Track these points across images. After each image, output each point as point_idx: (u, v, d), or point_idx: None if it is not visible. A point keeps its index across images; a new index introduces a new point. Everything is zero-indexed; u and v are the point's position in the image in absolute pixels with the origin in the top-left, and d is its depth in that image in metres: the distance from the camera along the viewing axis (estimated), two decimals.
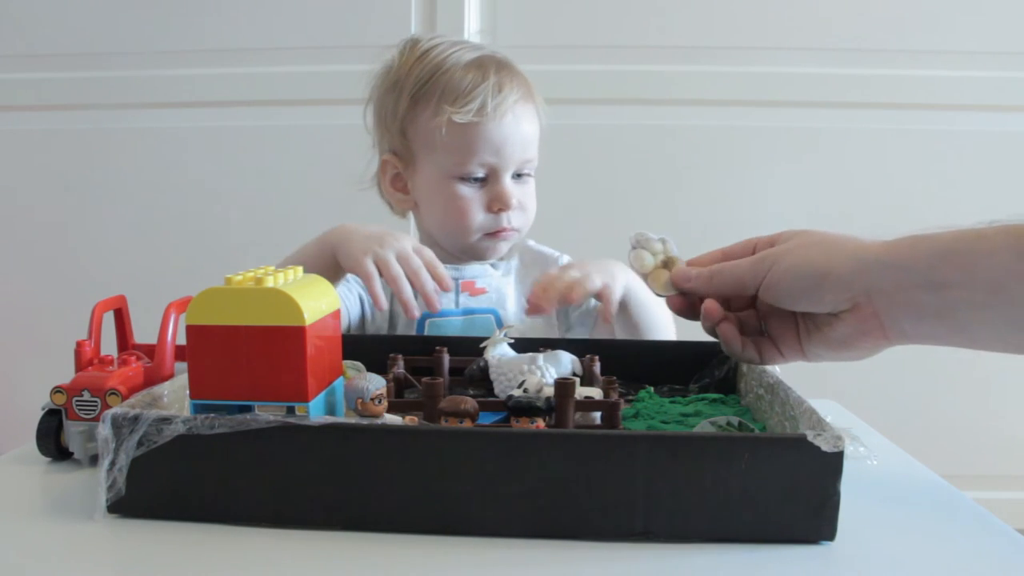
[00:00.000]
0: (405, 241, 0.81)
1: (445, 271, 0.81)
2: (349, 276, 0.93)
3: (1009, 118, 1.60)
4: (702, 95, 1.62)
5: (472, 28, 1.61)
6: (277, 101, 1.66)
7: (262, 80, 1.65)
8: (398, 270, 0.78)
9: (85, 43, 1.67)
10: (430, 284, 0.79)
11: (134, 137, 1.69)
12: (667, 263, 0.65)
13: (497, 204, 0.92)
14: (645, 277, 0.65)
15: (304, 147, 1.67)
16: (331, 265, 0.82)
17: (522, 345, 0.75)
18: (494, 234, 0.94)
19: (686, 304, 0.65)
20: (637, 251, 0.65)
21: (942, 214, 1.70)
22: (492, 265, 0.97)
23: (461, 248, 0.95)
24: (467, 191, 0.92)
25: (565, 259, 1.00)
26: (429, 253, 0.81)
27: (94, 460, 0.61)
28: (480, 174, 0.92)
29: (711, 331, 0.64)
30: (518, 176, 0.94)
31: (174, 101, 1.67)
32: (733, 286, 0.61)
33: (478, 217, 0.92)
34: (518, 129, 0.92)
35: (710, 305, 0.63)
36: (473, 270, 0.94)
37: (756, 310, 0.65)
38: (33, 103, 1.70)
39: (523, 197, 0.94)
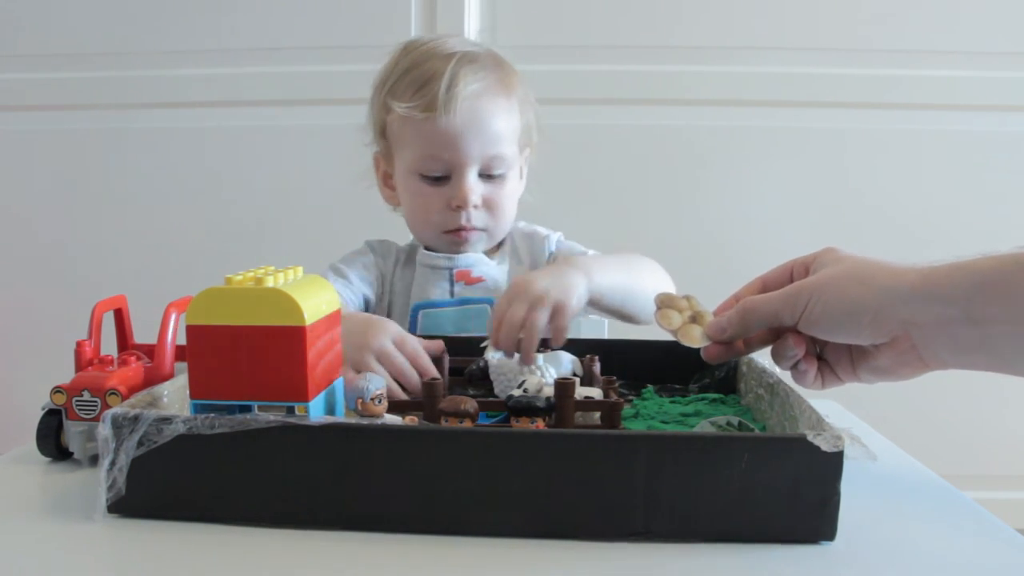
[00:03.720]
0: (385, 337, 0.69)
1: (429, 362, 0.69)
2: (351, 276, 0.92)
3: (1009, 118, 1.60)
4: (703, 95, 1.62)
5: (472, 28, 1.61)
6: (277, 101, 1.66)
7: (262, 80, 1.65)
8: (382, 373, 0.68)
9: (85, 43, 1.67)
10: (415, 381, 0.68)
11: (134, 137, 1.69)
12: (695, 318, 0.66)
13: (455, 201, 0.90)
14: (675, 333, 0.65)
15: (304, 147, 1.66)
16: None
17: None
18: (455, 232, 0.92)
19: (723, 350, 0.64)
20: (663, 311, 0.66)
21: (942, 214, 1.70)
22: (486, 254, 0.97)
23: (428, 244, 0.95)
24: (427, 188, 0.91)
25: (555, 237, 0.99)
26: (412, 343, 0.70)
27: (94, 460, 0.61)
28: (439, 172, 0.90)
29: (791, 366, 0.62)
30: (487, 176, 0.92)
31: (174, 101, 1.67)
32: (768, 320, 0.60)
33: (435, 214, 0.91)
34: (477, 123, 0.88)
35: (797, 340, 0.60)
36: (467, 259, 0.93)
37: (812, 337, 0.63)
38: (33, 103, 1.69)
39: (493, 196, 0.92)
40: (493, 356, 0.70)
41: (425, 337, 0.74)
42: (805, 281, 0.59)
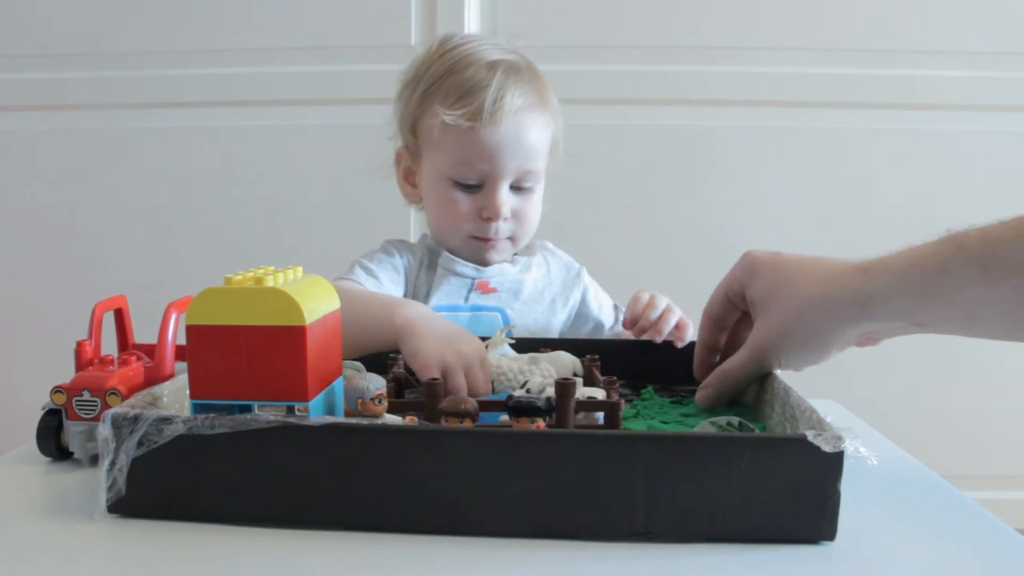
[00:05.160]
0: (473, 353, 0.68)
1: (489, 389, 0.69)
2: (383, 278, 0.91)
3: (1009, 118, 1.60)
4: (702, 95, 1.62)
5: (472, 28, 1.61)
6: (277, 101, 1.66)
7: (262, 80, 1.65)
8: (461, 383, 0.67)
9: (85, 43, 1.67)
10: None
11: (134, 137, 1.69)
12: None
13: (486, 212, 0.90)
14: None
15: (304, 147, 1.66)
16: (385, 342, 0.72)
17: (522, 345, 0.76)
18: (483, 240, 0.93)
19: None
20: None
21: (942, 214, 1.71)
22: (510, 262, 0.97)
23: (456, 249, 0.95)
24: (459, 195, 0.91)
25: (584, 272, 1.01)
26: (487, 371, 0.68)
27: (94, 460, 0.61)
28: (473, 180, 0.90)
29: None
30: (518, 187, 0.92)
31: (174, 101, 1.67)
32: (748, 382, 0.67)
33: (466, 223, 0.92)
34: (518, 138, 0.89)
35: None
36: (491, 270, 0.94)
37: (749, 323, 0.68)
38: (33, 103, 1.69)
39: (521, 207, 0.93)
40: (494, 356, 0.70)
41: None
42: (757, 341, 0.64)
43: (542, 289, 0.97)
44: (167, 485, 0.51)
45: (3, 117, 1.70)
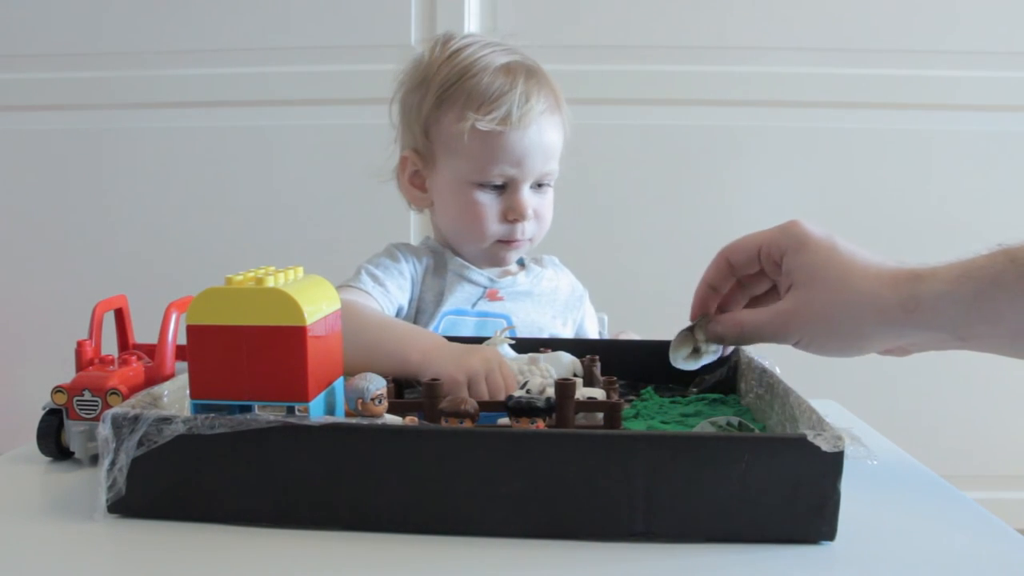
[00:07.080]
0: (493, 358, 0.68)
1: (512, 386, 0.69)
2: (389, 285, 0.90)
3: (1009, 118, 1.60)
4: (702, 95, 1.62)
5: (472, 29, 1.61)
6: (277, 101, 1.66)
7: (262, 80, 1.65)
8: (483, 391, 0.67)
9: (85, 43, 1.67)
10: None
11: (134, 137, 1.69)
12: (697, 348, 0.68)
13: (512, 214, 0.91)
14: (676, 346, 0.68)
15: (304, 147, 1.67)
16: (398, 375, 0.70)
17: (522, 345, 0.76)
18: (507, 243, 0.93)
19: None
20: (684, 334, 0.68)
21: (941, 214, 1.71)
22: (524, 273, 0.98)
23: (472, 253, 0.95)
24: (484, 198, 0.91)
25: (587, 297, 1.01)
26: (509, 375, 0.68)
27: (95, 460, 0.61)
28: (498, 182, 0.91)
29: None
30: (537, 186, 0.93)
31: (174, 101, 1.67)
32: (761, 339, 0.63)
33: (492, 225, 0.92)
34: (541, 140, 0.91)
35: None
36: (504, 281, 0.95)
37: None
38: (33, 103, 1.70)
39: (540, 207, 0.94)
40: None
41: (449, 339, 0.73)
42: (790, 311, 0.60)
43: (547, 303, 0.97)
44: (167, 485, 0.51)
45: (3, 117, 1.70)
